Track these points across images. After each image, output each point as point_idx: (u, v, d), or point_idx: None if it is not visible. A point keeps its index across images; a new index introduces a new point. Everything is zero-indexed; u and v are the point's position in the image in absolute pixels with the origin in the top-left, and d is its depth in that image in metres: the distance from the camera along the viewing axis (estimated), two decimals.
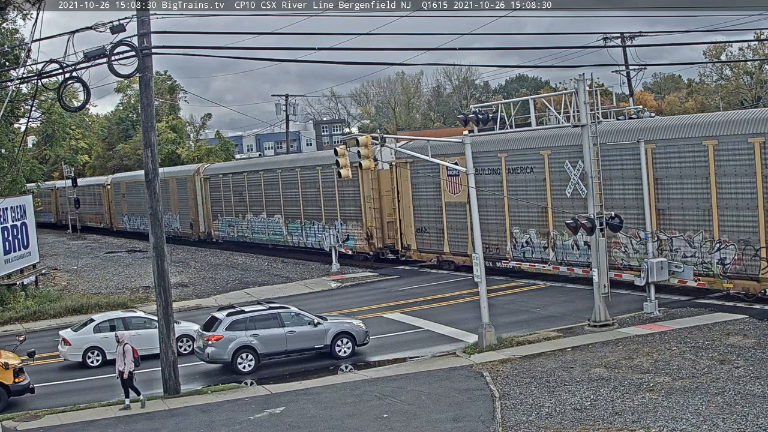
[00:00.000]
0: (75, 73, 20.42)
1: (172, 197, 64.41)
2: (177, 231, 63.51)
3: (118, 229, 76.15)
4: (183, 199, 62.72)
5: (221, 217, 58.40)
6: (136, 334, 26.11)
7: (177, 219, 64.20)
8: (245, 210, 54.95)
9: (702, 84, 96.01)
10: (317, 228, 47.41)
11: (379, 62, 76.69)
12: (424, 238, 40.20)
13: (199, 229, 60.90)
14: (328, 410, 18.85)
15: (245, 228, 55.16)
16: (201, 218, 60.88)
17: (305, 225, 48.58)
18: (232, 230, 56.96)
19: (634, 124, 31.36)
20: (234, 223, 56.76)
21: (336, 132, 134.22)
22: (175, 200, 64.11)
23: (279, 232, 51.36)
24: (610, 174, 29.48)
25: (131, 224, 72.91)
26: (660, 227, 28.54)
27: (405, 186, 41.10)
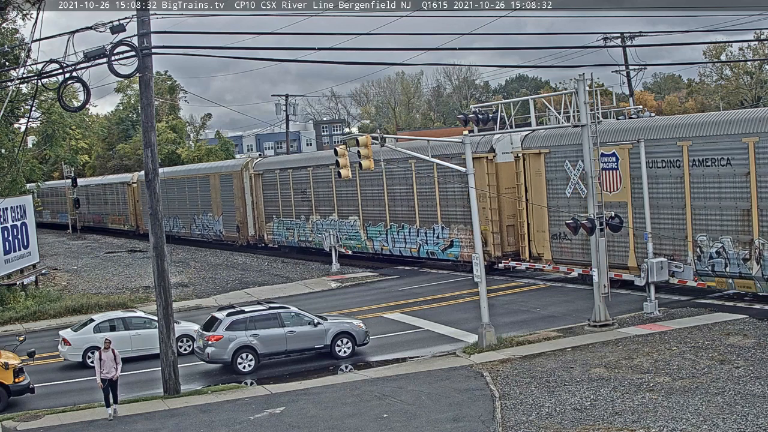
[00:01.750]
0: (75, 73, 20.42)
1: (214, 196, 57.84)
2: (220, 234, 57.39)
3: (146, 232, 69.15)
4: (228, 199, 55.81)
5: (277, 219, 51.27)
6: (136, 334, 26.16)
7: (220, 221, 57.30)
8: (310, 211, 47.93)
9: (702, 84, 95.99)
10: (408, 232, 40.44)
11: (379, 62, 76.97)
12: (563, 246, 32.04)
13: (248, 232, 54.08)
14: (328, 410, 18.85)
15: (309, 232, 48.04)
16: (250, 220, 54.00)
17: (392, 229, 41.51)
18: (291, 234, 49.88)
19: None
20: (294, 225, 49.72)
21: (336, 132, 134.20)
22: (218, 199, 57.17)
23: (355, 237, 44.31)
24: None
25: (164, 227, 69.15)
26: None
27: (537, 181, 33.09)
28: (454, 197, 37.35)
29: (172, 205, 63.55)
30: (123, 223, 73.88)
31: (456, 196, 37.05)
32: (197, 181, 60.37)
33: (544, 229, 32.92)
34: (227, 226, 56.34)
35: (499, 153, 34.49)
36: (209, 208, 58.07)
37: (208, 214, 58.31)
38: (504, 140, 34.07)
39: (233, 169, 55.55)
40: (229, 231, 56.16)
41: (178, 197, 63.07)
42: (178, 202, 63.12)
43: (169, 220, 63.53)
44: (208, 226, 58.89)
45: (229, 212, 55.96)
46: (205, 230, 59.08)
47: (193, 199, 60.78)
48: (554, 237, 32.31)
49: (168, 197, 62.35)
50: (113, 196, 75.69)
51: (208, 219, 58.37)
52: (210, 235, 58.74)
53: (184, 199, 62.31)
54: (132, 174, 74.68)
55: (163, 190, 62.34)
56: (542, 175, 32.67)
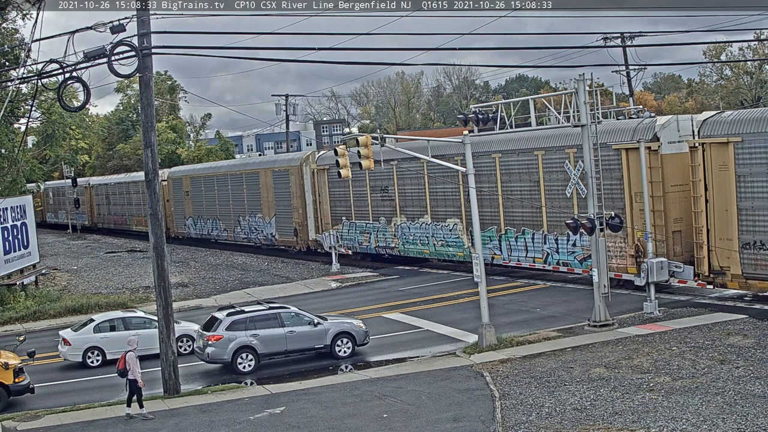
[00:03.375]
0: (75, 73, 20.42)
1: (264, 195, 51.28)
2: (272, 239, 50.97)
3: (177, 235, 63.17)
4: (283, 198, 49.29)
5: (348, 222, 44.61)
6: (136, 334, 26.11)
7: (272, 223, 50.62)
8: (392, 212, 41.17)
9: (702, 84, 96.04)
10: (531, 239, 33.27)
11: (379, 62, 77.03)
12: (758, 258, 25.65)
13: (308, 236, 47.43)
14: (328, 410, 18.85)
15: (390, 236, 41.44)
16: (311, 222, 47.18)
17: (507, 234, 34.45)
18: (366, 239, 43.31)
19: None
20: (370, 229, 42.97)
21: (336, 132, 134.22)
22: (270, 199, 50.69)
23: (455, 243, 37.43)
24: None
25: (198, 229, 60.22)
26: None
27: (721, 178, 26.45)
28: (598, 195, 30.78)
29: (211, 205, 57.83)
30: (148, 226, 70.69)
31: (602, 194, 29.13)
32: (243, 178, 54.07)
33: (731, 236, 26.22)
34: (281, 230, 49.62)
35: (664, 142, 28.29)
36: (258, 208, 51.79)
37: (257, 216, 51.98)
38: (670, 126, 28.51)
39: (290, 164, 48.26)
40: (284, 235, 49.59)
41: (220, 196, 56.97)
42: (219, 201, 57.03)
43: (207, 222, 58.47)
44: (256, 229, 52.40)
45: (284, 213, 49.47)
46: (253, 233, 52.99)
47: (238, 199, 54.61)
48: (746, 246, 25.86)
49: (206, 196, 58.15)
50: (137, 195, 68.68)
51: (256, 221, 52.03)
52: (259, 239, 52.59)
53: (225, 199, 56.20)
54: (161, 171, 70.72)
55: (200, 189, 59.62)
56: (730, 170, 26.12)
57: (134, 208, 69.85)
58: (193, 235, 60.93)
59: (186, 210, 61.55)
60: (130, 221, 71.54)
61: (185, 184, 61.45)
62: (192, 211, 60.63)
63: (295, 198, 47.96)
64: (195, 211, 60.25)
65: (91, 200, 79.70)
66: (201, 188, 59.20)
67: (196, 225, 60.33)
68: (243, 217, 54.06)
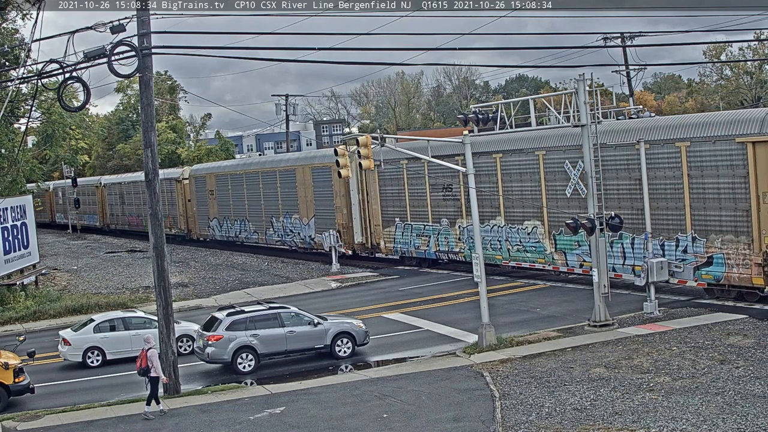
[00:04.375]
0: (75, 73, 20.42)
1: (302, 194, 47.43)
2: (310, 241, 47.12)
3: (201, 237, 60.09)
4: (324, 197, 45.70)
5: (402, 223, 40.73)
6: (136, 334, 26.14)
7: (310, 225, 46.82)
8: (457, 212, 37.30)
9: (702, 84, 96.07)
10: (630, 243, 29.34)
11: (379, 62, 77.03)
12: None
13: (353, 239, 44.03)
14: (328, 410, 18.85)
15: (454, 240, 37.50)
16: (357, 224, 43.76)
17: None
18: (424, 242, 39.39)
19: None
20: (430, 231, 38.88)
21: (336, 132, 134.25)
22: (308, 198, 46.94)
23: (534, 249, 33.23)
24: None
25: (224, 231, 56.19)
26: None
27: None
28: (715, 195, 26.68)
29: (240, 205, 54.00)
30: (170, 227, 62.60)
31: (720, 194, 26.55)
32: (278, 176, 50.16)
33: None
34: (322, 231, 45.54)
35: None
36: (295, 208, 48.08)
37: (293, 217, 48.23)
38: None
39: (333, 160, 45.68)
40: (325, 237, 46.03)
41: (250, 196, 53.28)
42: (249, 201, 53.33)
43: (234, 224, 54.67)
44: (292, 232, 48.49)
45: (325, 214, 45.47)
46: (288, 236, 49.28)
47: (272, 198, 50.89)
48: None
49: (234, 196, 54.49)
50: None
51: (293, 223, 48.21)
52: (295, 243, 48.78)
53: (256, 198, 52.55)
54: (182, 168, 65.42)
55: (227, 187, 55.41)
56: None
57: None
58: (218, 238, 57.16)
59: (210, 210, 57.82)
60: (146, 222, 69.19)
61: (210, 183, 57.74)
62: (217, 212, 56.83)
63: (339, 197, 44.41)
64: (221, 211, 56.40)
65: (102, 200, 76.62)
66: (228, 187, 55.36)
67: (222, 226, 56.50)
68: (276, 218, 50.44)
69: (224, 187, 55.99)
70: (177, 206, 62.40)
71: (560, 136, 31.36)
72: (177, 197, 62.47)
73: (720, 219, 26.74)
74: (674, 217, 28.01)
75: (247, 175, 53.90)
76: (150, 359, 19.51)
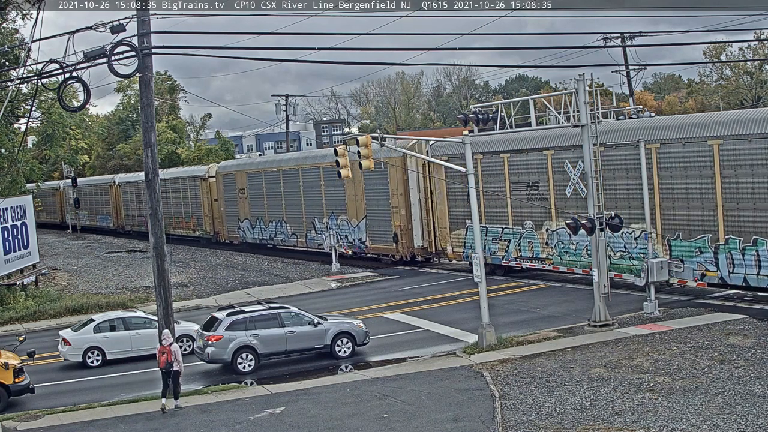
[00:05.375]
0: (75, 73, 20.43)
1: (350, 193, 43.67)
2: (360, 245, 43.30)
3: (230, 240, 56.18)
4: (378, 196, 41.83)
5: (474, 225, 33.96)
6: (136, 334, 26.15)
7: (360, 227, 43.10)
8: (544, 214, 32.75)
9: (702, 84, 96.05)
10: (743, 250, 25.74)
11: (379, 62, 77.08)
12: None
13: (413, 242, 40.36)
14: (328, 410, 18.85)
15: (540, 245, 32.94)
16: (418, 226, 40.27)
17: (730, 245, 26.11)
18: (502, 247, 34.70)
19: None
20: (510, 235, 34.15)
21: (336, 132, 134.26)
22: (358, 197, 43.08)
23: (641, 255, 28.66)
24: None
25: (257, 233, 52.29)
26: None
27: None
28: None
29: (276, 205, 50.08)
30: (193, 228, 59.93)
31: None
32: (321, 173, 45.74)
33: None
34: (375, 235, 42.08)
35: None
36: (342, 209, 44.21)
37: (340, 218, 44.35)
38: None
39: (388, 155, 37.77)
40: (379, 241, 42.12)
41: (288, 194, 49.37)
42: (287, 201, 49.50)
43: (269, 225, 50.72)
44: (338, 234, 44.55)
45: (378, 215, 41.71)
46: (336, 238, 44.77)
47: (314, 198, 46.89)
48: None
49: (269, 195, 50.69)
50: (177, 194, 61.83)
51: (339, 224, 44.32)
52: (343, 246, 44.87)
53: (296, 198, 48.58)
54: (206, 166, 61.76)
55: (260, 186, 51.08)
56: None
57: (173, 209, 62.21)
58: (250, 240, 53.34)
59: (240, 211, 53.83)
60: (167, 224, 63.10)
61: (240, 181, 53.64)
62: (249, 212, 52.72)
63: (396, 196, 40.53)
64: (253, 212, 52.24)
65: (116, 200, 73.33)
66: (262, 185, 51.07)
67: (254, 228, 52.39)
68: (319, 219, 46.42)
69: (257, 185, 51.96)
70: (202, 206, 58.99)
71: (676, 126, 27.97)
72: (202, 197, 58.82)
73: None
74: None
75: (285, 172, 49.64)
76: (174, 353, 19.88)
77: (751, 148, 25.56)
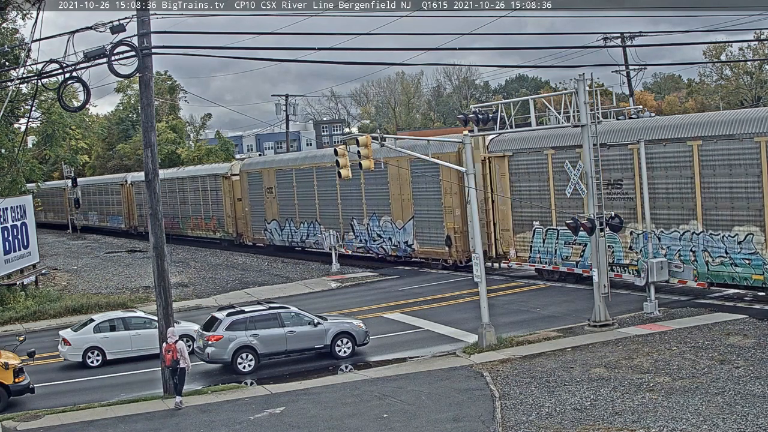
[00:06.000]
0: (75, 73, 20.42)
1: (395, 191, 40.48)
2: (406, 249, 40.15)
3: (256, 242, 52.99)
4: (427, 195, 38.54)
5: (543, 228, 32.74)
6: (136, 334, 26.16)
7: (407, 229, 39.59)
8: (629, 215, 29.19)
9: (702, 84, 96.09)
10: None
11: (379, 62, 77.05)
12: None
13: (469, 246, 33.88)
14: (328, 410, 18.85)
15: (622, 250, 29.82)
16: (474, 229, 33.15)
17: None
18: (577, 252, 31.44)
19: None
20: (584, 239, 28.93)
21: (336, 132, 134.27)
22: (405, 196, 39.79)
23: (751, 262, 25.80)
24: None
25: (286, 235, 49.02)
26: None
27: None
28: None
29: (308, 205, 46.91)
30: (214, 230, 56.57)
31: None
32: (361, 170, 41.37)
33: None
34: (423, 237, 38.87)
35: None
36: (385, 209, 41.04)
37: (383, 219, 41.43)
38: None
39: (441, 151, 34.31)
40: (429, 244, 38.84)
41: (322, 194, 46.20)
42: (321, 200, 46.32)
43: (300, 227, 47.64)
44: (381, 236, 41.58)
45: (428, 216, 38.42)
46: (375, 242, 42.30)
47: (352, 197, 43.80)
48: None
49: (300, 194, 47.51)
50: (195, 193, 58.34)
51: (382, 226, 41.34)
52: (384, 250, 41.84)
53: (330, 197, 45.44)
54: (229, 163, 58.60)
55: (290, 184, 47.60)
56: None
57: (190, 209, 59.43)
58: (278, 243, 50.11)
59: (268, 211, 50.62)
60: (184, 225, 61.07)
61: (267, 179, 50.38)
62: (277, 213, 49.52)
63: (449, 195, 37.04)
64: (282, 212, 49.01)
65: (129, 200, 70.74)
66: (292, 184, 47.65)
67: (283, 230, 49.20)
68: (359, 220, 43.28)
69: (287, 184, 48.51)
70: (224, 206, 55.59)
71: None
72: (224, 196, 55.43)
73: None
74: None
75: (319, 170, 46.08)
76: (180, 351, 20.16)
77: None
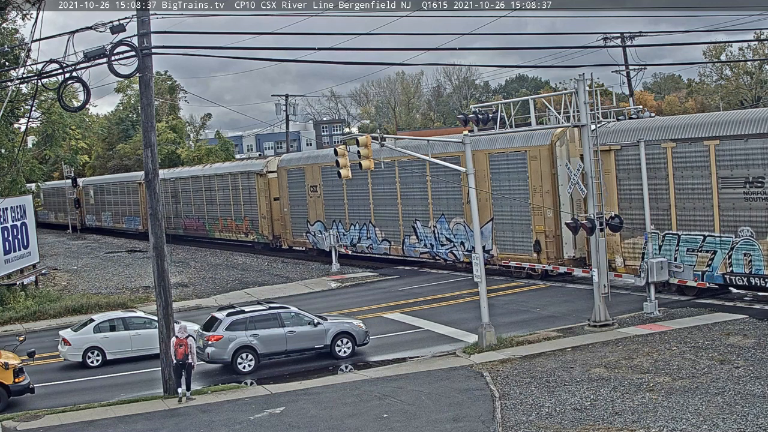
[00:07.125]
0: (75, 73, 20.43)
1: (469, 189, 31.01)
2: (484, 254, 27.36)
3: (296, 246, 48.52)
4: (511, 193, 33.57)
5: (661, 232, 28.02)
6: (136, 334, 26.16)
7: (484, 233, 33.71)
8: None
9: (702, 84, 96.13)
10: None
11: (379, 62, 76.81)
12: None
13: (562, 252, 32.05)
14: (328, 410, 18.85)
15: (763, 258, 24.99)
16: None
17: None
18: (703, 261, 26.77)
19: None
20: (713, 245, 26.33)
21: (336, 132, 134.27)
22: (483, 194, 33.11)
23: None
24: None
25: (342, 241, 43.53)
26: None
27: None
28: None
29: (359, 204, 42.60)
30: (246, 232, 52.54)
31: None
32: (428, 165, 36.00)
33: None
34: (505, 242, 34.42)
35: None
36: (457, 209, 36.53)
37: (452, 221, 36.92)
38: None
39: (529, 144, 32.06)
40: (511, 249, 34.35)
41: (377, 192, 41.50)
42: (376, 199, 41.64)
43: (349, 229, 43.31)
44: (450, 241, 37.10)
45: (511, 217, 34.04)
46: (443, 247, 37.64)
47: (414, 196, 39.18)
48: None
49: (350, 193, 42.99)
50: (226, 192, 54.49)
51: (453, 228, 36.81)
52: (453, 256, 37.25)
53: (389, 196, 40.81)
54: (264, 160, 54.32)
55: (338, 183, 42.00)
56: None
57: (219, 209, 55.45)
58: (327, 248, 44.11)
59: (311, 212, 46.01)
60: (210, 226, 57.33)
61: (311, 177, 45.73)
62: (323, 214, 45.10)
63: (539, 195, 32.48)
64: (329, 213, 44.66)
65: (143, 200, 62.19)
66: (341, 181, 40.06)
67: (334, 233, 44.12)
68: (424, 222, 38.67)
69: (335, 183, 43.21)
70: (258, 206, 51.02)
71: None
72: (258, 195, 50.86)
73: None
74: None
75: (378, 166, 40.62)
76: (190, 346, 20.53)
77: None
